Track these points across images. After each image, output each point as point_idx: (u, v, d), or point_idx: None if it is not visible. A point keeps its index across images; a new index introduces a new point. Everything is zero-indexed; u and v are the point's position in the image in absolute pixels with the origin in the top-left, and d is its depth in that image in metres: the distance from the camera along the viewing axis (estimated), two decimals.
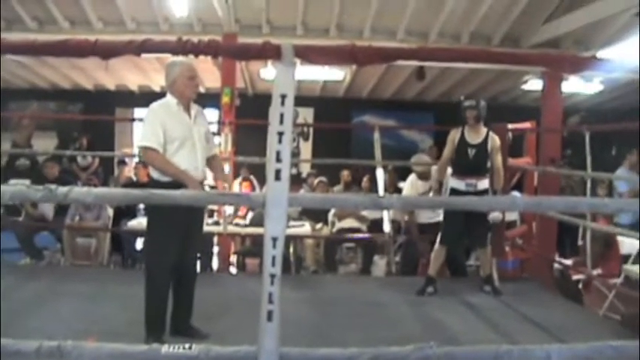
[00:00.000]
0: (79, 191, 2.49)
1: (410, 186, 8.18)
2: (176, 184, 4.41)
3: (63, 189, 2.45)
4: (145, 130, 4.60)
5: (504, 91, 13.74)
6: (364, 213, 8.63)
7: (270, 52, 2.35)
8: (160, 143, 4.51)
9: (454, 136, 6.56)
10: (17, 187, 2.48)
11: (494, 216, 6.37)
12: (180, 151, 4.56)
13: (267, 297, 2.39)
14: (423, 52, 2.58)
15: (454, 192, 6.42)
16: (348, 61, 2.47)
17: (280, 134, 2.36)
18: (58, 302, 5.76)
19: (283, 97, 2.34)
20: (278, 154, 2.36)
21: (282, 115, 2.34)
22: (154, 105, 4.66)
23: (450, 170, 6.59)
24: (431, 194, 7.16)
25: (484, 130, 6.47)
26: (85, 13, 9.24)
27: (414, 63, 9.81)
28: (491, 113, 6.60)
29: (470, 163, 6.39)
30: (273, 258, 2.39)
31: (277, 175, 2.37)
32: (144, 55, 2.63)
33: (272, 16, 9.39)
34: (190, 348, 2.45)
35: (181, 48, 2.40)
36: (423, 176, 8.04)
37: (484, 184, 6.36)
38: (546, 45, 9.24)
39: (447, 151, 6.58)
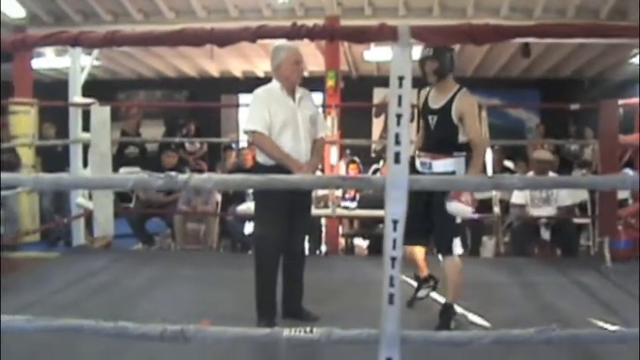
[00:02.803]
0: (198, 178, 2.53)
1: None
2: (281, 168, 4.47)
3: (183, 176, 2.49)
4: (251, 113, 4.68)
5: (611, 66, 13.26)
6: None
7: (386, 34, 2.32)
8: (267, 126, 4.58)
9: (420, 99, 4.92)
10: (140, 175, 2.53)
11: (456, 208, 4.41)
12: (284, 134, 4.63)
13: (389, 280, 2.38)
14: (541, 28, 2.49)
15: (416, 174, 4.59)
16: (465, 40, 2.42)
17: (398, 116, 2.33)
18: (171, 286, 5.93)
19: (401, 78, 2.31)
20: (397, 136, 2.33)
21: (400, 97, 2.31)
22: (259, 90, 4.75)
23: None
24: None
25: (452, 89, 4.69)
26: (190, 3, 9.39)
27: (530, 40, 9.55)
28: (598, 89, 6.17)
29: (430, 136, 4.76)
30: (394, 240, 2.38)
31: (397, 158, 2.35)
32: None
33: None
34: (312, 331, 2.46)
35: (296, 33, 2.40)
36: (542, 172, 7.53)
37: (445, 164, 4.60)
38: None
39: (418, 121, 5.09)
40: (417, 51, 4.41)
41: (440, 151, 4.64)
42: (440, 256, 4.78)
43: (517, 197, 7.79)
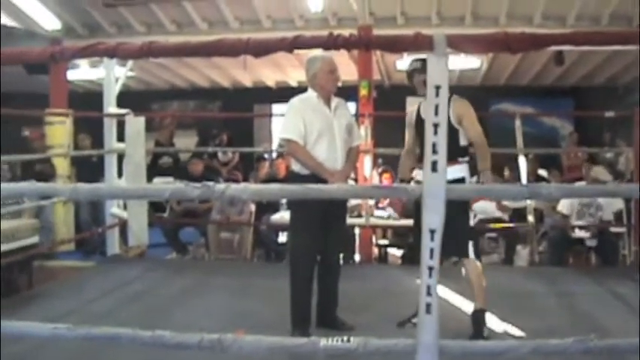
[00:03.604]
0: (235, 188, 2.55)
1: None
2: (316, 177, 4.49)
3: (220, 186, 2.51)
4: (286, 122, 4.71)
5: None
6: (505, 202, 8.44)
7: (422, 43, 2.32)
8: (301, 135, 4.59)
9: (410, 115, 5.02)
10: (176, 185, 2.55)
11: (484, 207, 4.59)
12: (320, 143, 4.64)
13: (426, 289, 2.37)
14: (577, 36, 2.47)
15: None
16: (501, 49, 2.40)
17: (436, 126, 2.33)
18: (205, 296, 5.95)
19: (437, 88, 2.30)
20: (434, 145, 2.33)
21: (436, 107, 2.31)
22: (295, 99, 4.78)
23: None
24: None
25: None
26: (222, 14, 9.46)
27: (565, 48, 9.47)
28: (633, 96, 6.05)
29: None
30: (431, 250, 2.37)
31: (434, 167, 2.34)
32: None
33: (406, 7, 9.33)
34: (349, 341, 2.45)
35: (333, 43, 2.40)
36: None
37: (452, 171, 4.18)
38: None
39: (407, 138, 5.14)
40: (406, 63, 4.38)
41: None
42: (463, 266, 4.78)
43: (563, 207, 7.69)
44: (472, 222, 4.69)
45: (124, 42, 2.75)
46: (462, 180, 4.55)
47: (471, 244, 4.69)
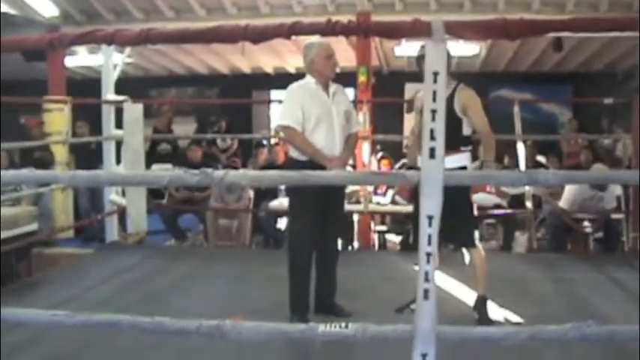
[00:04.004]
0: (234, 174, 2.55)
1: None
2: (314, 163, 4.50)
3: (219, 172, 2.51)
4: (284, 109, 4.72)
5: None
6: (504, 188, 8.42)
7: (420, 30, 2.31)
8: (299, 122, 4.59)
9: (418, 102, 4.85)
10: (175, 171, 2.56)
11: (483, 198, 4.53)
12: (318, 129, 4.64)
13: (424, 275, 2.38)
14: (576, 22, 2.47)
15: None
16: (500, 36, 2.40)
17: (433, 112, 2.33)
18: (204, 283, 5.96)
19: (435, 74, 2.30)
20: (432, 131, 2.33)
21: (434, 93, 2.31)
22: (293, 85, 4.78)
23: None
24: None
25: (451, 84, 4.60)
26: (220, 0, 9.43)
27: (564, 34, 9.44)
28: (632, 82, 6.04)
29: None
30: (429, 236, 2.37)
31: (432, 153, 2.35)
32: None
33: None
34: (347, 327, 2.46)
35: (331, 29, 2.39)
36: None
37: (454, 160, 4.38)
38: None
39: (414, 124, 5.16)
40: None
41: (447, 148, 4.46)
42: (465, 251, 4.84)
43: (565, 203, 7.63)
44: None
45: (122, 29, 2.75)
46: (463, 169, 4.52)
47: (476, 233, 4.73)
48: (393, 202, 7.87)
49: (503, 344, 2.52)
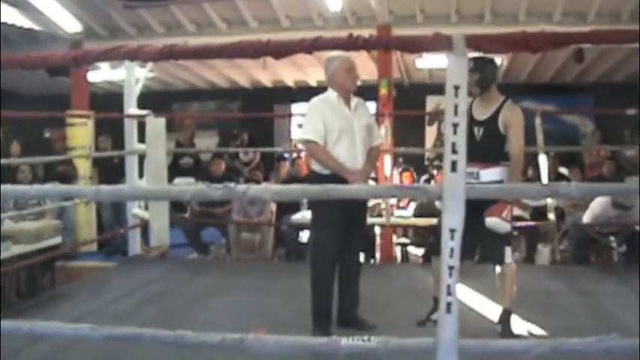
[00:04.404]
0: (257, 188, 2.56)
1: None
2: (337, 177, 4.50)
3: (241, 187, 2.52)
4: (306, 123, 4.73)
5: None
6: (526, 200, 8.38)
7: (441, 44, 2.32)
8: (321, 136, 4.60)
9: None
10: (198, 186, 2.57)
11: (495, 223, 4.39)
12: (340, 143, 4.64)
13: (446, 289, 2.37)
14: (597, 34, 2.47)
15: None
16: (521, 49, 2.40)
17: (455, 125, 2.33)
18: (227, 296, 5.96)
19: (456, 88, 2.31)
20: (453, 145, 2.34)
21: (456, 107, 2.32)
22: (315, 99, 4.79)
23: None
24: None
25: (498, 100, 4.67)
26: (241, 14, 9.48)
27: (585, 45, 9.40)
28: None
29: (475, 146, 4.24)
30: (452, 250, 2.37)
31: (453, 167, 2.35)
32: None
33: (425, 5, 9.32)
34: (369, 340, 2.46)
35: (352, 44, 2.41)
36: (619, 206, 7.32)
37: (493, 173, 4.55)
38: None
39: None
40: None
41: (488, 161, 4.56)
42: (496, 267, 4.72)
43: (588, 219, 7.61)
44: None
45: (145, 44, 2.77)
46: (499, 182, 4.48)
47: (508, 249, 4.62)
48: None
49: (525, 357, 2.51)
